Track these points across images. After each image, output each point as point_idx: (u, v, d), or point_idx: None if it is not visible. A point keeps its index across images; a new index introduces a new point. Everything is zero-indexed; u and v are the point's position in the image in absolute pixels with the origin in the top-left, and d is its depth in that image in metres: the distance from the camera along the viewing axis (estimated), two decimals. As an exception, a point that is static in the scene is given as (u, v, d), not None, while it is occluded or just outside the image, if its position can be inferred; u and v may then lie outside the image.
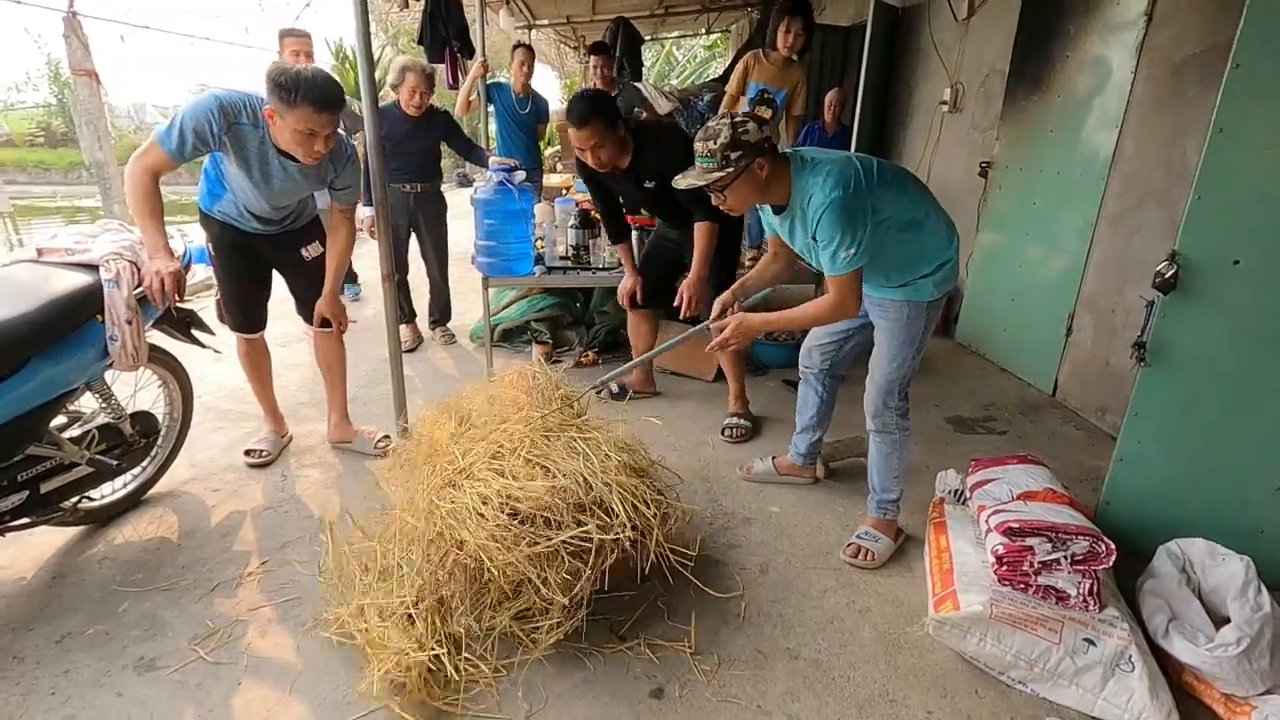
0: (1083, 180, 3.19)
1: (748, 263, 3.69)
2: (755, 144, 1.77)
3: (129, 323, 1.94)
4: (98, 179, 5.73)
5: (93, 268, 1.95)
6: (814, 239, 1.82)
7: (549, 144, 7.98)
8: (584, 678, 1.67)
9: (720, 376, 3.50)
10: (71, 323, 1.84)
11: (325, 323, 2.60)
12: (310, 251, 2.52)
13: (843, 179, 1.77)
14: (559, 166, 6.34)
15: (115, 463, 2.10)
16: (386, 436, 2.76)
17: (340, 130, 2.23)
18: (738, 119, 1.80)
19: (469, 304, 4.44)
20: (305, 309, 2.62)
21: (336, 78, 2.13)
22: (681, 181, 1.87)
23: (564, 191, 4.92)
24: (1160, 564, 1.84)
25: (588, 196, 3.23)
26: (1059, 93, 3.34)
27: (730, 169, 1.77)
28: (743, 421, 2.94)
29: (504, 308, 4.09)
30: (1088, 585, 1.65)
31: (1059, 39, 3.31)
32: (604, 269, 3.30)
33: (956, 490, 2.21)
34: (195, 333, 2.37)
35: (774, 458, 2.58)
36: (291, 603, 1.90)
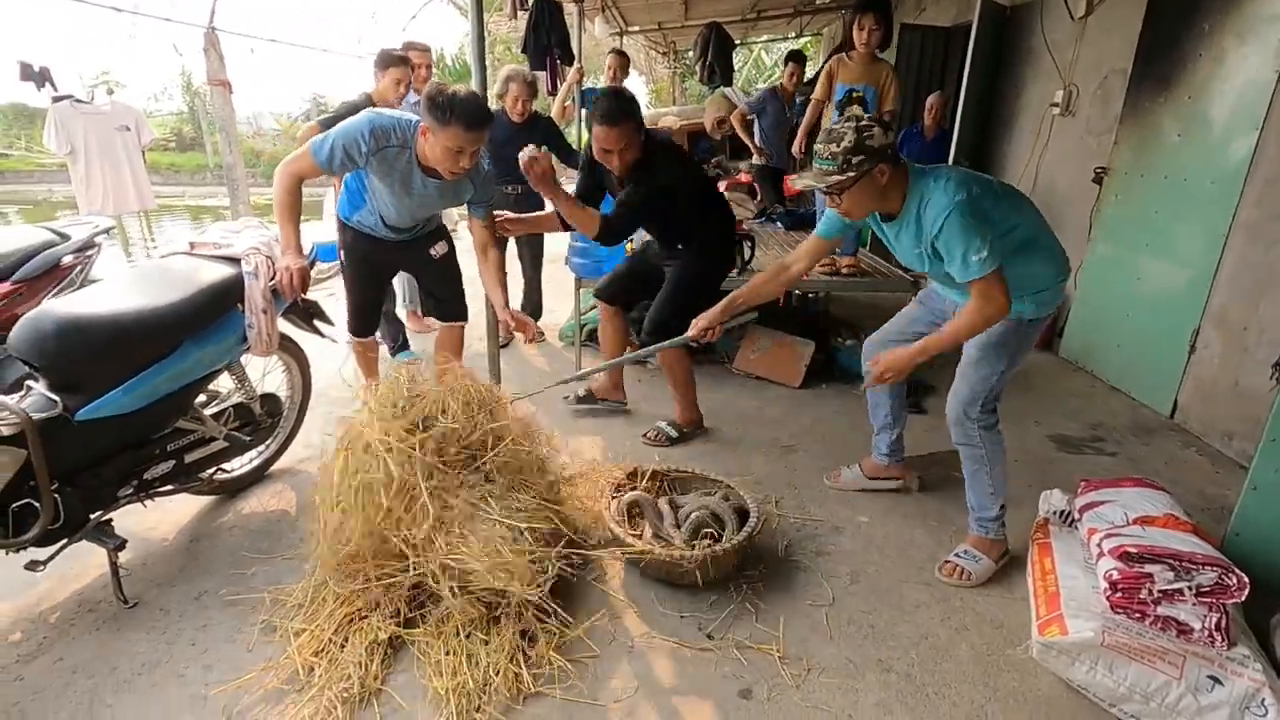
0: (1214, 187, 2.97)
1: (844, 270, 3.62)
2: (879, 149, 1.72)
3: (264, 312, 2.12)
4: (227, 180, 6.24)
5: (235, 261, 2.15)
6: (933, 247, 1.78)
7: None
8: (672, 671, 1.69)
9: (806, 383, 3.47)
10: (218, 310, 2.03)
11: (453, 317, 2.77)
12: (437, 250, 2.68)
13: (964, 184, 1.73)
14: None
15: (247, 439, 2.29)
16: (483, 427, 2.88)
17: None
18: (863, 122, 1.74)
19: (558, 302, 4.56)
20: (434, 304, 2.81)
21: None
22: (799, 183, 1.84)
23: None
24: (1299, 603, 1.70)
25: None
26: (1189, 94, 3.12)
27: (851, 173, 1.72)
28: (668, 430, 2.84)
29: (591, 308, 4.18)
30: (1215, 619, 1.54)
31: (1192, 37, 3.10)
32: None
33: (1062, 511, 2.11)
34: (317, 323, 2.56)
35: (859, 463, 2.54)
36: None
